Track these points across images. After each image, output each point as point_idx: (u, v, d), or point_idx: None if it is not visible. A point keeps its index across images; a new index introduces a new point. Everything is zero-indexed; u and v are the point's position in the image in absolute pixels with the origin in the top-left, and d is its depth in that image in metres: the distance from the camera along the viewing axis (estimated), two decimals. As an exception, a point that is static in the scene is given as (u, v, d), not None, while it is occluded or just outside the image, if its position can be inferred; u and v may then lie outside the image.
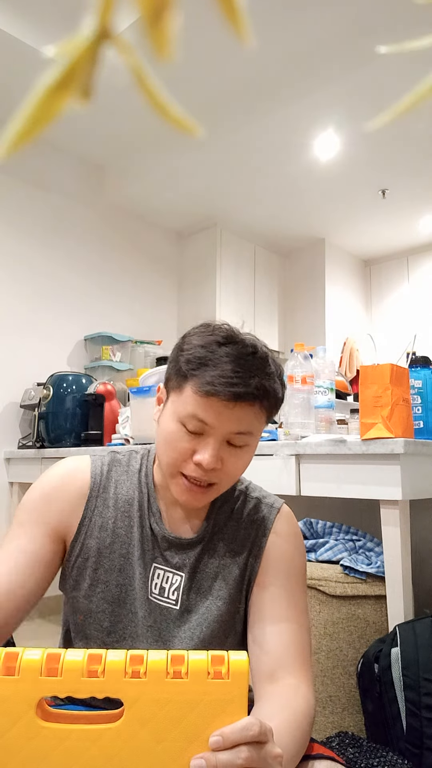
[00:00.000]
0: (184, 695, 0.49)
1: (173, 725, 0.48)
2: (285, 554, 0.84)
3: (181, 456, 0.76)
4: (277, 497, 0.92)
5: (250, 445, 0.79)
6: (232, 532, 0.86)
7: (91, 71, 0.19)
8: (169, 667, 0.49)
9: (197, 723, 0.49)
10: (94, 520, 0.83)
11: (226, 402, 0.73)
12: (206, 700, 0.49)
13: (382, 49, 0.23)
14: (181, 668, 0.49)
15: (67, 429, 2.78)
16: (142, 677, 0.49)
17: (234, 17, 0.18)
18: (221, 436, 0.75)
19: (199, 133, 0.20)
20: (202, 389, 0.73)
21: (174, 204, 3.83)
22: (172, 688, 0.49)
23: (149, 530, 0.83)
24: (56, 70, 0.18)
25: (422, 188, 3.66)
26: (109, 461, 0.88)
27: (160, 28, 0.18)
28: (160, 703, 0.49)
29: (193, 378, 0.74)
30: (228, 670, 0.49)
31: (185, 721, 0.49)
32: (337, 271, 4.57)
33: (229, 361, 0.74)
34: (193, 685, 0.49)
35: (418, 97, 0.21)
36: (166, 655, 0.50)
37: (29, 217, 3.31)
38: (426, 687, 1.15)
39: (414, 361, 1.71)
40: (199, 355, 0.75)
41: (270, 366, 0.77)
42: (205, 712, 0.49)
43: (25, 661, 0.49)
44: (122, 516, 0.84)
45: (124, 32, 0.20)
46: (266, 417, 0.79)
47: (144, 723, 0.48)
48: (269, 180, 3.55)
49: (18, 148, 0.19)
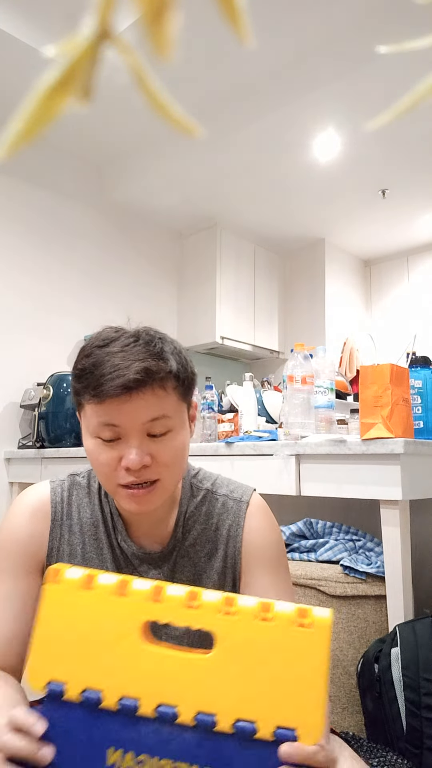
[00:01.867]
0: (270, 638, 0.53)
1: (259, 665, 0.52)
2: (263, 549, 0.83)
3: (110, 468, 0.74)
4: (246, 488, 0.89)
5: (174, 429, 0.76)
6: (204, 537, 0.84)
7: (91, 71, 0.19)
8: (258, 610, 0.53)
9: (281, 667, 0.52)
10: (63, 549, 0.82)
11: (120, 396, 0.71)
12: (290, 645, 0.52)
13: (382, 49, 0.23)
14: (268, 614, 0.53)
15: (67, 429, 2.78)
16: (233, 615, 0.53)
17: (234, 17, 0.18)
18: (136, 431, 0.73)
19: (199, 133, 0.20)
20: (94, 397, 0.72)
21: (174, 204, 3.83)
22: (259, 629, 0.53)
23: (118, 549, 0.82)
24: (56, 70, 0.18)
25: (422, 188, 3.66)
26: (69, 485, 0.86)
27: (160, 28, 0.18)
28: (247, 642, 0.53)
29: (85, 391, 0.73)
30: (312, 622, 0.52)
31: (270, 663, 0.52)
32: (337, 271, 4.57)
33: (109, 358, 0.72)
34: (279, 630, 0.53)
35: (418, 97, 0.21)
36: (257, 601, 0.54)
37: (29, 217, 3.31)
38: (426, 687, 1.15)
39: (414, 361, 1.71)
40: (82, 367, 0.74)
41: (156, 345, 0.74)
42: (289, 657, 0.52)
43: (134, 587, 0.55)
44: (90, 539, 0.83)
45: (124, 32, 0.20)
46: (178, 395, 0.76)
47: (233, 658, 0.53)
48: (269, 180, 3.55)
49: (18, 148, 0.19)
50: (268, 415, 2.49)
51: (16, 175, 3.27)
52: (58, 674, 0.54)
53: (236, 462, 1.79)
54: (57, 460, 2.70)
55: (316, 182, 3.56)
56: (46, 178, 3.41)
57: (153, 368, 0.72)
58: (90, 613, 0.55)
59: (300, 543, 1.69)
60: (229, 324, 4.06)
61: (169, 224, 4.14)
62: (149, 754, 0.52)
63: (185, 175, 3.46)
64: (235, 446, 1.80)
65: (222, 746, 0.52)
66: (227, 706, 0.52)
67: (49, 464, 2.76)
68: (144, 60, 0.19)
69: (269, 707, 0.52)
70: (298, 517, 1.79)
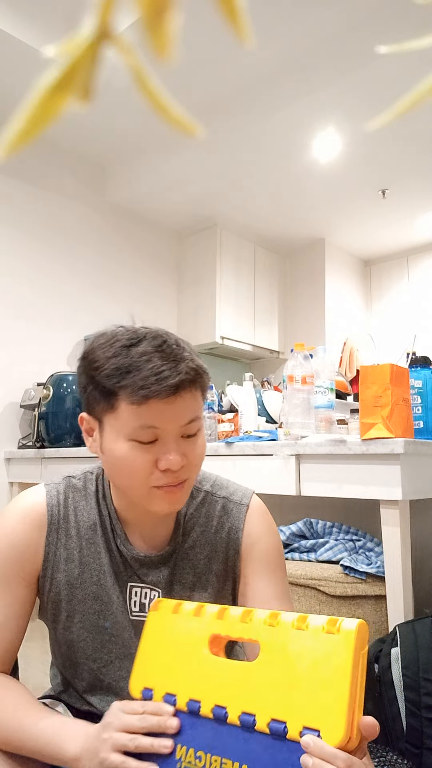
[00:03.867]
0: (303, 644, 0.60)
1: (293, 670, 0.59)
2: (261, 551, 0.84)
3: (145, 471, 0.72)
4: (245, 490, 0.89)
5: (201, 428, 0.77)
6: (203, 539, 0.84)
7: (91, 71, 0.19)
8: (295, 621, 0.62)
9: (309, 670, 0.59)
10: (59, 554, 0.81)
11: (167, 398, 0.69)
12: (318, 650, 0.59)
13: (382, 49, 0.23)
14: (303, 624, 0.61)
15: (67, 429, 2.78)
16: (276, 626, 0.62)
17: (234, 17, 0.18)
18: (175, 432, 0.72)
19: (199, 133, 0.20)
20: (138, 396, 0.69)
21: (174, 204, 3.83)
22: (295, 637, 0.61)
23: (117, 553, 0.82)
24: (56, 70, 0.18)
25: (422, 188, 3.66)
26: (65, 488, 0.84)
27: (160, 28, 0.18)
28: (285, 649, 0.61)
29: (122, 390, 0.69)
30: (338, 629, 0.59)
31: (301, 668, 0.59)
32: (337, 271, 4.57)
33: (150, 358, 0.70)
34: (310, 636, 0.60)
35: (418, 97, 0.21)
36: (296, 615, 0.63)
37: (29, 217, 3.31)
38: (426, 687, 1.15)
39: (414, 361, 1.71)
40: (116, 366, 0.70)
41: (181, 344, 0.74)
42: (317, 662, 0.59)
43: (207, 610, 0.68)
44: (87, 543, 0.81)
45: (124, 32, 0.20)
46: (202, 395, 0.77)
47: (273, 664, 0.61)
48: (269, 180, 3.55)
49: (18, 148, 0.19)
50: (268, 415, 2.49)
51: (16, 175, 3.26)
52: (149, 682, 0.67)
53: (236, 462, 1.79)
54: (57, 460, 2.70)
55: (316, 182, 3.56)
56: (46, 179, 3.40)
57: (198, 368, 0.73)
58: (174, 630, 0.68)
59: (300, 543, 1.69)
60: (229, 324, 4.06)
61: (169, 224, 4.14)
62: (204, 751, 0.61)
63: (185, 175, 3.46)
64: (235, 446, 1.80)
65: (260, 745, 0.59)
66: (265, 707, 0.59)
67: (49, 464, 2.76)
68: (144, 60, 0.19)
69: (299, 708, 0.57)
70: (298, 517, 1.79)
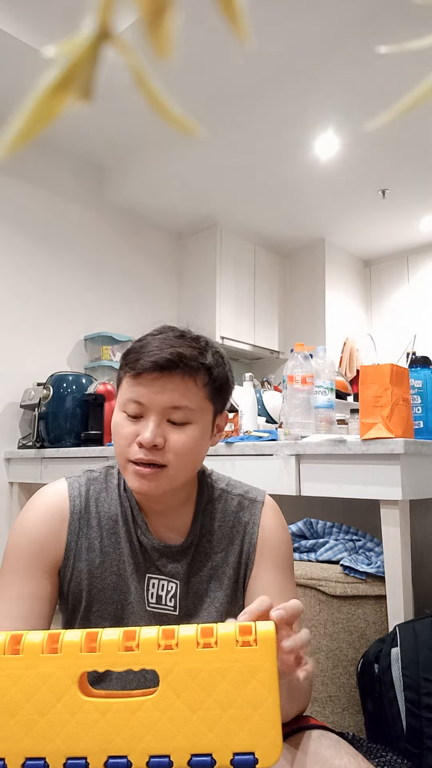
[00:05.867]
0: (215, 664, 0.51)
1: (207, 694, 0.50)
2: (274, 547, 0.87)
3: (126, 441, 0.78)
4: (259, 490, 0.93)
5: (193, 423, 0.79)
6: (220, 533, 0.87)
7: (91, 71, 0.19)
8: (199, 638, 0.51)
9: (229, 690, 0.50)
10: (81, 543, 0.82)
11: (152, 375, 0.76)
12: (236, 667, 0.51)
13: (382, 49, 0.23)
14: (210, 639, 0.51)
15: (67, 429, 2.78)
16: (174, 648, 0.51)
17: (234, 17, 0.18)
18: (157, 412, 0.77)
19: (199, 133, 0.20)
20: (129, 369, 0.78)
21: (174, 204, 3.83)
22: (202, 657, 0.51)
23: (137, 543, 0.84)
24: (56, 70, 0.18)
25: (422, 188, 3.66)
26: (86, 481, 0.88)
27: (160, 28, 0.18)
28: (192, 672, 0.51)
29: (125, 367, 0.80)
30: (255, 638, 0.51)
31: (218, 689, 0.50)
32: (337, 271, 4.57)
33: (153, 341, 0.79)
34: (223, 653, 0.51)
35: (418, 97, 0.21)
36: (196, 628, 0.52)
37: (29, 217, 3.31)
38: (426, 687, 1.15)
39: (414, 361, 1.71)
40: (131, 349, 0.80)
41: (201, 341, 0.81)
42: (237, 679, 0.51)
43: (66, 640, 0.52)
44: (108, 534, 0.84)
45: (124, 32, 0.20)
46: (207, 393, 0.80)
47: (179, 693, 0.50)
48: (269, 180, 3.55)
49: (18, 148, 0.19)
50: (268, 415, 2.49)
51: (16, 175, 3.26)
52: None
53: (236, 462, 1.79)
54: (57, 460, 2.70)
55: (316, 182, 3.56)
56: (46, 179, 3.40)
57: (187, 354, 0.77)
58: (21, 678, 0.51)
59: (300, 543, 1.69)
60: (229, 324, 4.06)
61: (169, 224, 4.14)
62: None
63: (185, 175, 3.46)
64: (235, 446, 1.80)
65: None
66: (180, 744, 0.50)
67: (49, 464, 2.76)
68: (144, 60, 0.19)
69: (223, 735, 0.50)
70: (298, 517, 1.79)
